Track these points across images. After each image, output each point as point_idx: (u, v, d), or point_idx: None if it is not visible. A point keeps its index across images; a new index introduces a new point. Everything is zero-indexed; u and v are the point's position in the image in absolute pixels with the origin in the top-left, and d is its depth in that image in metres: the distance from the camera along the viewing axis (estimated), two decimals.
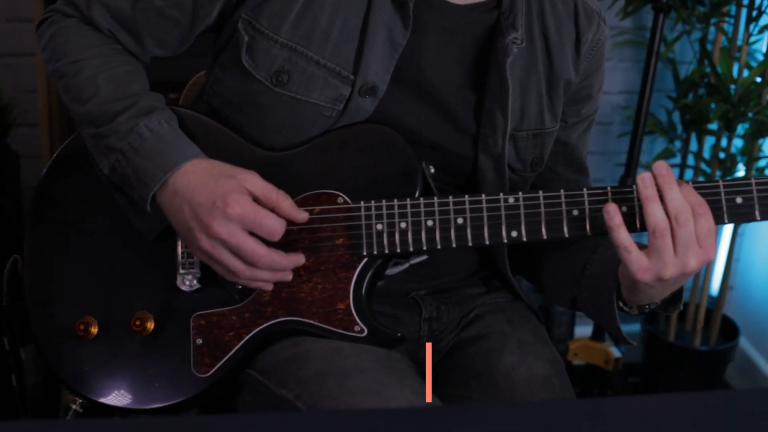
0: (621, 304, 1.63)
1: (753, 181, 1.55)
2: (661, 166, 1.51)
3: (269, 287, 1.63)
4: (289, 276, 1.61)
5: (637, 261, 1.49)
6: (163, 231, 1.66)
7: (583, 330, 3.61)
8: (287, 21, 1.62)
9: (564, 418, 1.14)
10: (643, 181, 1.50)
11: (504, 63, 1.68)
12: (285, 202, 1.57)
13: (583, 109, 1.85)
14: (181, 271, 1.66)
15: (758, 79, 3.24)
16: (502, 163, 1.72)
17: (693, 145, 3.47)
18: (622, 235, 1.49)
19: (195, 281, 1.66)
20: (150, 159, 1.58)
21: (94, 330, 1.69)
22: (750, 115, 3.16)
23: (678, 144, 3.47)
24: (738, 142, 3.40)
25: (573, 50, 1.78)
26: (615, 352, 3.31)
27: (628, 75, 3.59)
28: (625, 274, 1.54)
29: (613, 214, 1.49)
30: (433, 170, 1.66)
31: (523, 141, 1.76)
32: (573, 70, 1.79)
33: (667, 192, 1.49)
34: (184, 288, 1.66)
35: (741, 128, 3.31)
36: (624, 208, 1.53)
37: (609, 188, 1.58)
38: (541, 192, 1.59)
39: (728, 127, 3.22)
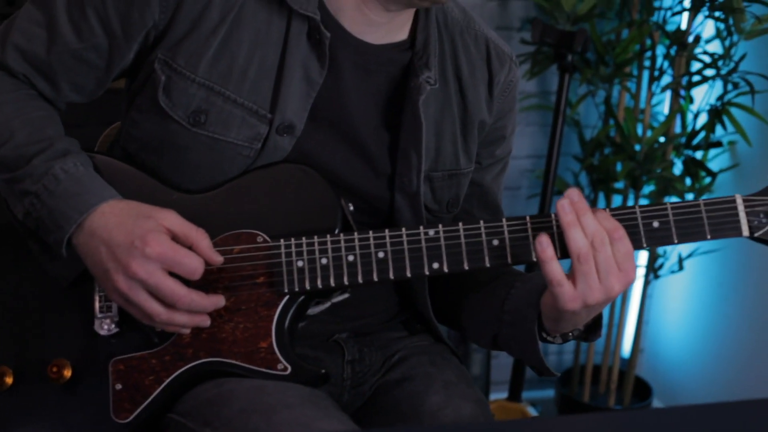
0: (544, 334, 1.64)
1: (669, 205, 1.58)
2: (573, 194, 1.52)
3: (186, 332, 1.60)
4: (206, 321, 1.59)
5: (567, 292, 1.50)
6: (79, 276, 1.63)
7: (499, 395, 3.61)
8: (204, 60, 1.62)
9: None
10: (563, 208, 1.51)
11: (417, 101, 1.69)
12: (203, 241, 1.55)
13: (497, 151, 1.87)
14: (99, 316, 1.63)
15: (662, 139, 3.32)
16: (418, 201, 1.73)
17: (601, 204, 3.53)
18: (554, 269, 1.50)
19: (113, 325, 1.62)
20: (65, 201, 1.56)
21: (9, 380, 1.65)
22: (658, 171, 3.23)
23: None
24: (644, 202, 3.46)
25: (486, 91, 1.81)
26: (532, 412, 3.31)
27: (535, 139, 3.65)
28: (551, 304, 1.54)
29: (546, 246, 1.50)
30: (352, 208, 1.65)
31: (438, 181, 1.77)
32: (486, 111, 1.81)
33: (581, 218, 1.51)
34: (102, 333, 1.62)
35: (647, 189, 3.38)
36: None
37: (528, 218, 1.59)
38: (461, 224, 1.59)
39: (634, 185, 3.28)
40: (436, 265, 1.59)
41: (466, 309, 1.81)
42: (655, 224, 1.56)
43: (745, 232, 1.58)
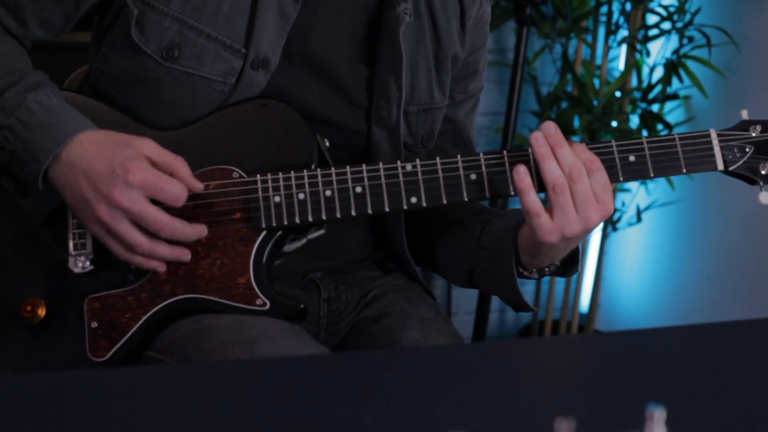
0: (521, 269, 1.64)
1: (644, 140, 1.59)
2: (549, 127, 1.54)
3: (162, 268, 1.58)
4: (187, 255, 1.57)
5: (545, 224, 1.50)
6: (52, 213, 1.61)
7: None
8: None
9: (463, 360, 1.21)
10: (537, 140, 1.53)
11: (397, 32, 1.68)
12: (183, 168, 1.54)
13: (469, 86, 1.87)
14: (73, 253, 1.60)
15: (618, 94, 3.34)
16: (397, 134, 1.72)
17: None
18: (532, 199, 1.51)
19: (88, 262, 1.60)
20: (41, 132, 1.53)
21: None
22: (615, 124, 3.25)
23: None
24: None
25: (458, 26, 1.80)
26: None
27: (491, 96, 3.65)
28: (529, 237, 1.55)
29: (524, 175, 1.51)
30: (327, 143, 1.65)
31: (414, 116, 1.77)
32: (459, 45, 1.81)
33: (558, 150, 1.52)
34: (76, 270, 1.60)
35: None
36: None
37: (505, 152, 1.60)
38: (438, 158, 1.60)
39: (593, 138, 3.30)
40: (414, 200, 1.59)
41: (441, 247, 1.81)
42: (632, 158, 1.58)
43: (720, 166, 1.61)
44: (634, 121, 3.41)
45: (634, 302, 3.84)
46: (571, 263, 1.66)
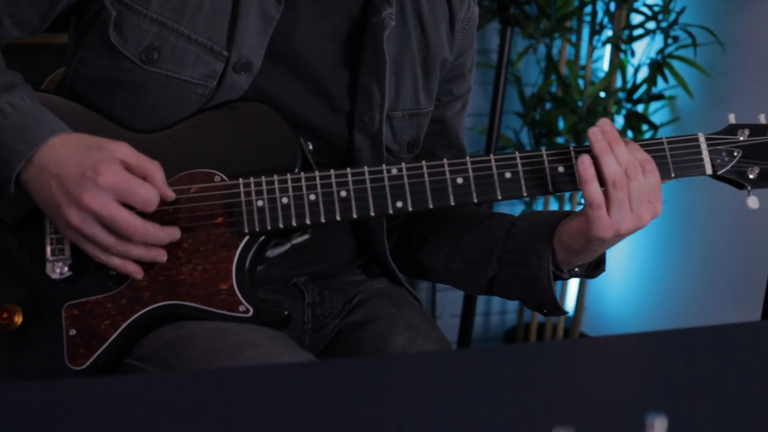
0: (552, 268, 1.62)
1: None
2: (606, 124, 1.53)
3: (140, 275, 1.54)
4: (163, 256, 1.54)
5: (604, 217, 1.49)
6: (29, 218, 1.57)
7: None
8: None
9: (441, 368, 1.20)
10: (595, 134, 1.52)
11: (381, 37, 1.65)
12: (158, 173, 1.51)
13: (453, 89, 1.84)
14: (51, 259, 1.57)
15: (603, 94, 3.33)
16: (379, 140, 1.69)
17: None
18: (595, 189, 1.50)
19: (66, 268, 1.57)
20: (13, 135, 1.49)
21: None
22: None
23: None
24: None
25: (447, 28, 1.78)
26: None
27: (475, 98, 3.62)
28: (579, 232, 1.54)
29: (588, 165, 1.50)
30: (311, 146, 1.62)
31: (398, 121, 1.74)
32: (448, 49, 1.78)
33: (616, 147, 1.51)
34: (54, 276, 1.56)
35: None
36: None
37: (491, 156, 1.58)
38: (424, 162, 1.58)
39: (577, 139, 3.28)
40: (399, 204, 1.56)
41: (454, 256, 1.76)
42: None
43: (709, 170, 1.60)
44: (619, 121, 3.39)
45: (620, 305, 3.82)
46: (596, 265, 1.65)
